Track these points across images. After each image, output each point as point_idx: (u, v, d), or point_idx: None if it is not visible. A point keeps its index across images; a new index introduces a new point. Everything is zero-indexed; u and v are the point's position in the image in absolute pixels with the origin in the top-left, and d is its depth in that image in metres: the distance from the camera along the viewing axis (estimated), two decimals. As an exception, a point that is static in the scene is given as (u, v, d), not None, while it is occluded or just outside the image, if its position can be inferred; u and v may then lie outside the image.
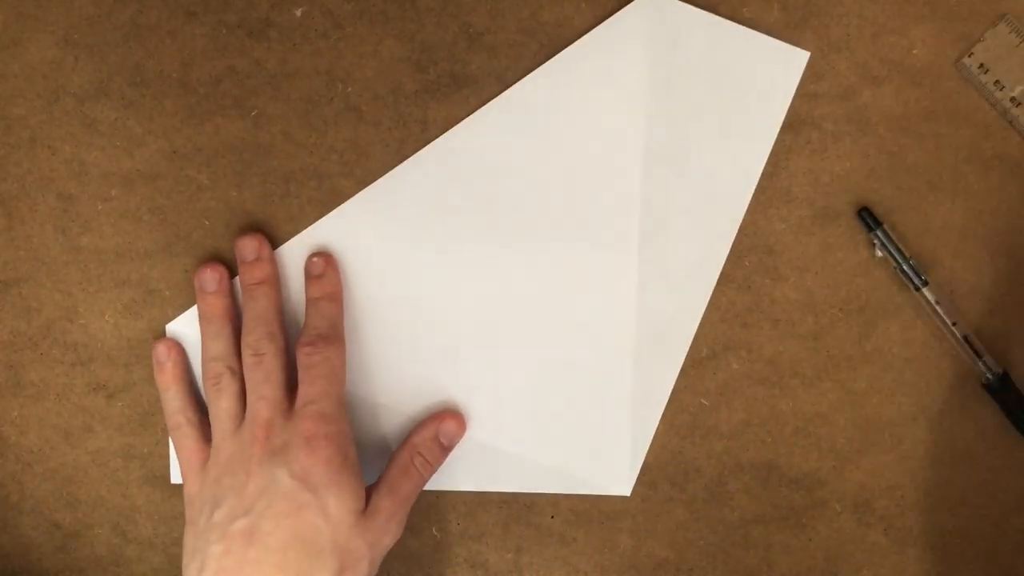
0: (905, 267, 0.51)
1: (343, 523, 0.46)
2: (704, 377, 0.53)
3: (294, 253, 0.53)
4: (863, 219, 0.51)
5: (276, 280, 0.52)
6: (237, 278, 0.53)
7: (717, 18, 0.51)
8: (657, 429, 0.54)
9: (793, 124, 0.51)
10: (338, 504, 0.47)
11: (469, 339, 0.53)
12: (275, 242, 0.53)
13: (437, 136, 0.52)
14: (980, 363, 0.51)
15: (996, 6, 0.50)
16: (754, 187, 0.52)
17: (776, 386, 0.53)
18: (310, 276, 0.52)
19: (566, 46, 0.51)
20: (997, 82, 0.50)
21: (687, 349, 0.53)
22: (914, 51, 0.51)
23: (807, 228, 0.52)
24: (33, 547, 0.57)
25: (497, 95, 0.52)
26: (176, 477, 0.55)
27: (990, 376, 0.51)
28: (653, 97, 0.51)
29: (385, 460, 0.53)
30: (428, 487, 0.54)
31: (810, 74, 0.51)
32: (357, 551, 0.47)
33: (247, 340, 0.50)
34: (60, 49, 0.53)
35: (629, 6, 0.51)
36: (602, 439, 0.54)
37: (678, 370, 0.53)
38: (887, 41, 0.51)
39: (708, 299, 0.53)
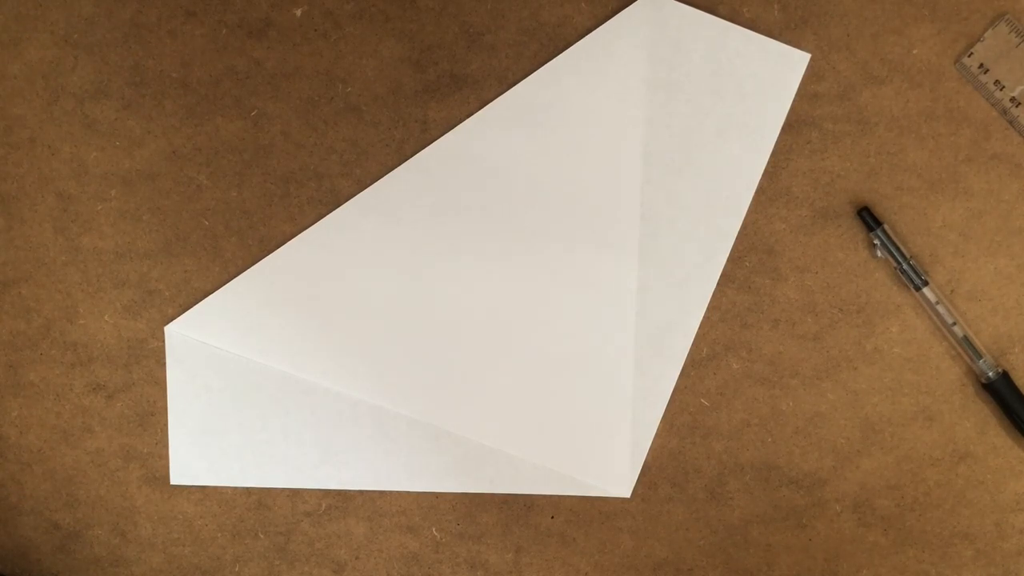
0: (905, 267, 0.51)
1: None
2: (704, 377, 0.53)
3: (294, 253, 0.53)
4: (863, 219, 0.51)
5: None
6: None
7: (718, 20, 0.51)
8: (657, 429, 0.54)
9: (793, 124, 0.51)
10: None
11: (469, 340, 0.53)
12: (275, 242, 0.53)
13: (437, 136, 0.52)
14: (980, 363, 0.51)
15: (996, 6, 0.50)
16: (754, 187, 0.52)
17: (776, 386, 0.53)
18: None
19: (566, 46, 0.51)
20: (997, 82, 0.50)
21: (687, 349, 0.53)
22: (914, 51, 0.51)
23: (807, 228, 0.52)
24: (33, 547, 0.57)
25: (497, 95, 0.52)
26: (176, 478, 0.55)
27: (990, 376, 0.51)
28: (654, 98, 0.51)
29: (387, 461, 0.53)
30: (428, 487, 0.54)
31: (810, 74, 0.51)
32: None
33: None
34: (60, 49, 0.53)
35: (630, 7, 0.51)
36: (602, 439, 0.54)
37: (678, 370, 0.53)
38: (887, 41, 0.51)
39: (708, 299, 0.53)
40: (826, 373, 0.53)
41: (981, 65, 0.50)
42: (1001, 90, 0.50)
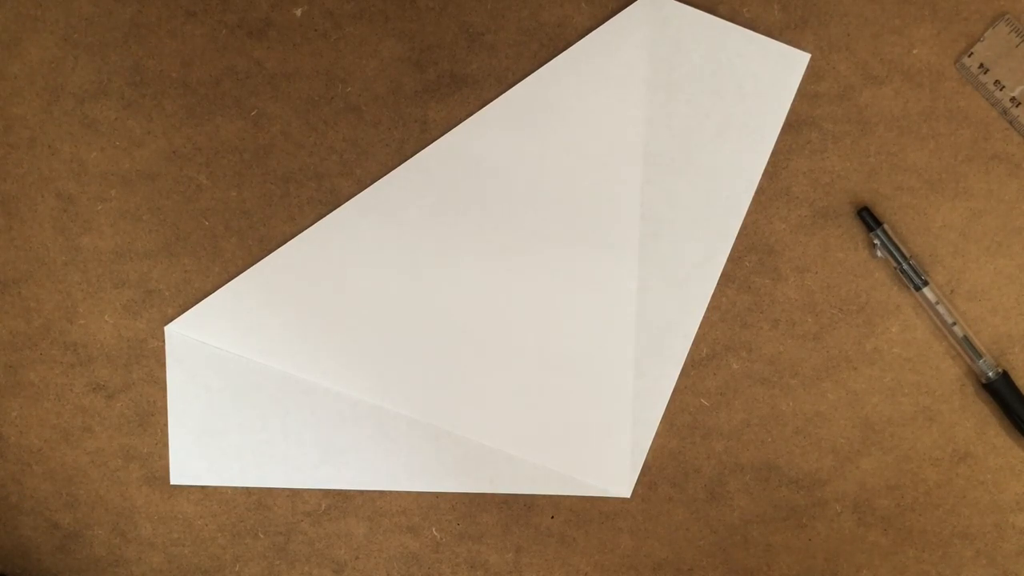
0: (905, 267, 0.51)
1: None
2: (704, 377, 0.53)
3: (294, 253, 0.53)
4: (863, 219, 0.51)
5: None
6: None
7: (718, 20, 0.51)
8: (657, 429, 0.54)
9: (793, 124, 0.51)
10: None
11: (469, 340, 0.53)
12: (275, 242, 0.53)
13: (437, 136, 0.52)
14: (980, 363, 0.51)
15: (996, 6, 0.50)
16: (754, 187, 0.52)
17: (776, 386, 0.53)
18: None
19: (566, 46, 0.51)
20: (997, 82, 0.50)
21: (687, 349, 0.53)
22: (914, 51, 0.51)
23: (807, 228, 0.52)
24: (33, 547, 0.57)
25: (497, 95, 0.52)
26: (176, 478, 0.55)
27: (990, 376, 0.51)
28: (654, 98, 0.51)
29: (388, 462, 0.53)
30: (428, 487, 0.54)
31: (810, 74, 0.51)
32: None
33: None
34: (60, 49, 0.53)
35: (630, 7, 0.51)
36: (602, 439, 0.54)
37: (678, 370, 0.53)
38: (887, 41, 0.51)
39: (708, 299, 0.53)
40: (826, 373, 0.53)
41: (981, 65, 0.50)
42: (1001, 90, 0.50)
